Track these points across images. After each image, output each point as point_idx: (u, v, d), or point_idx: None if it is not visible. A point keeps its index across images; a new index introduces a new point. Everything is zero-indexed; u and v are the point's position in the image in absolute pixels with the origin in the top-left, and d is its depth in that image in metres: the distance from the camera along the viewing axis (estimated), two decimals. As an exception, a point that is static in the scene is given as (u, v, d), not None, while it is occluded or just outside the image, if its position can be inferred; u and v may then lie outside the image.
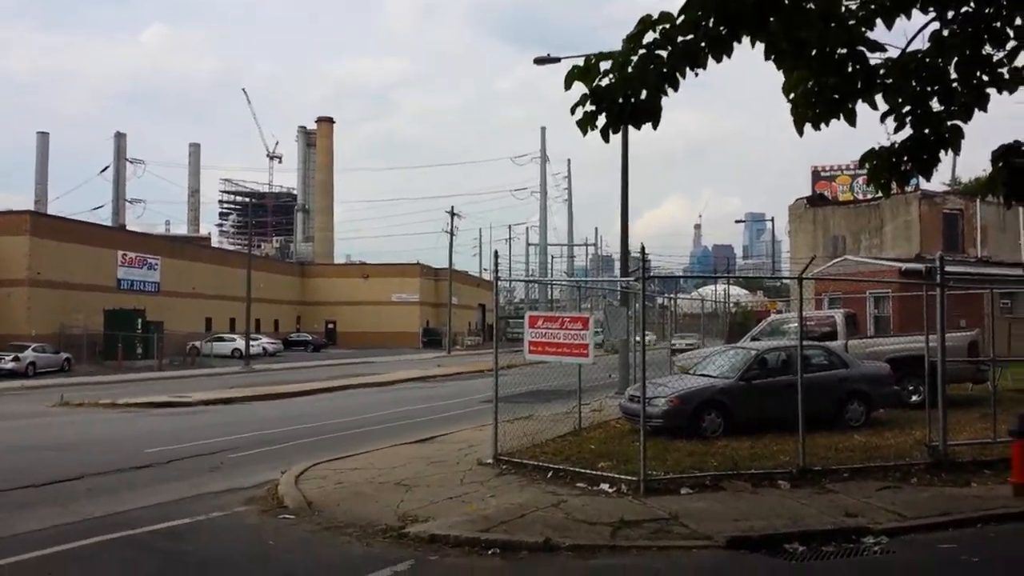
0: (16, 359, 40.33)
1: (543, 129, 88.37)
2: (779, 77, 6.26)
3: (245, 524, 9.68)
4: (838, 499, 9.99)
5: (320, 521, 9.52)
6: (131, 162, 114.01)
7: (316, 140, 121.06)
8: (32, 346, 42.07)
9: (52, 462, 14.38)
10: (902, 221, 41.24)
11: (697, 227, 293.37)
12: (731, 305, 47.35)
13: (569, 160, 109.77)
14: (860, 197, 46.52)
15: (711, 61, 5.76)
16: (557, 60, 23.49)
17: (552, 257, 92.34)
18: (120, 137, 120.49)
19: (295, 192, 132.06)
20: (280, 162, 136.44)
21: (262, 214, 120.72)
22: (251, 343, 51.34)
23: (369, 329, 80.00)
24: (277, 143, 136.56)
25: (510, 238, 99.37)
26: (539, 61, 23.97)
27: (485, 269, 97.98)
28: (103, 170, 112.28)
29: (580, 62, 6.03)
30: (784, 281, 54.30)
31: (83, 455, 15.20)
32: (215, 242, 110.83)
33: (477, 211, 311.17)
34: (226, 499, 11.02)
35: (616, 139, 23.77)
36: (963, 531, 8.87)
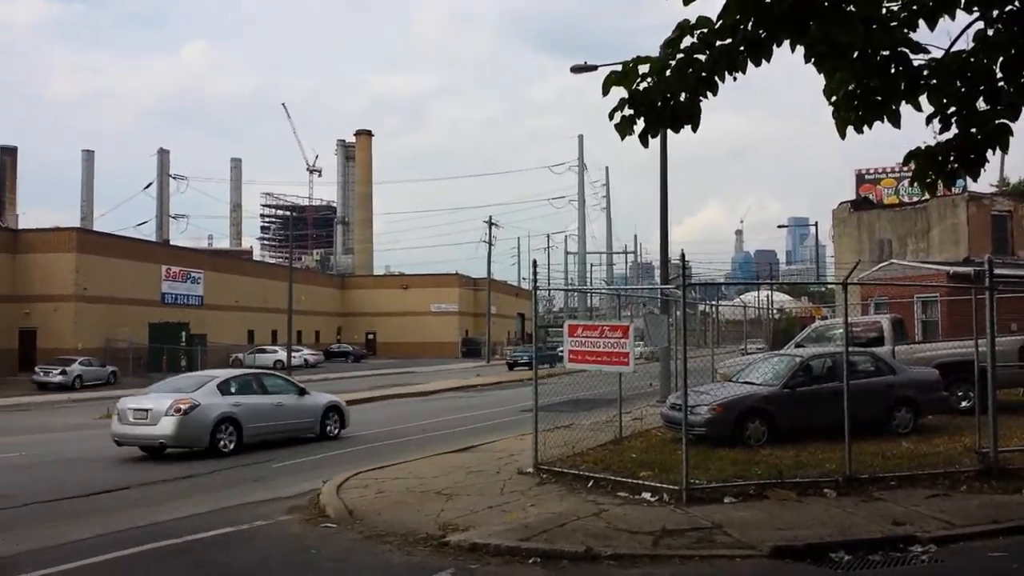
0: (63, 372, 41.25)
1: (580, 137, 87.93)
2: (821, 80, 6.20)
3: (288, 533, 9.75)
4: (885, 507, 9.79)
5: (362, 530, 9.56)
6: (174, 178, 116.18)
7: (355, 153, 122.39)
8: (79, 360, 42.96)
9: (98, 473, 14.65)
10: (949, 224, 40.46)
11: (738, 232, 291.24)
12: (774, 311, 46.82)
13: (607, 168, 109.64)
14: (906, 200, 45.74)
15: (750, 65, 5.72)
16: (594, 68, 23.45)
17: (591, 265, 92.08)
18: (163, 154, 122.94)
19: (335, 205, 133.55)
20: (320, 175, 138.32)
21: (303, 227, 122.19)
22: (293, 354, 51.90)
23: (409, 339, 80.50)
24: (317, 157, 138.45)
25: (548, 247, 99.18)
26: (576, 69, 23.96)
27: (524, 278, 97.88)
28: (147, 186, 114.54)
29: (618, 68, 6.02)
30: (829, 286, 53.48)
31: (127, 466, 15.46)
32: (257, 255, 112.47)
33: (515, 220, 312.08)
34: (269, 508, 11.11)
35: (655, 144, 23.71)
36: (1014, 539, 8.64)
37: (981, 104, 6.13)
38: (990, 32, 5.82)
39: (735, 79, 5.79)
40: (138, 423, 16.23)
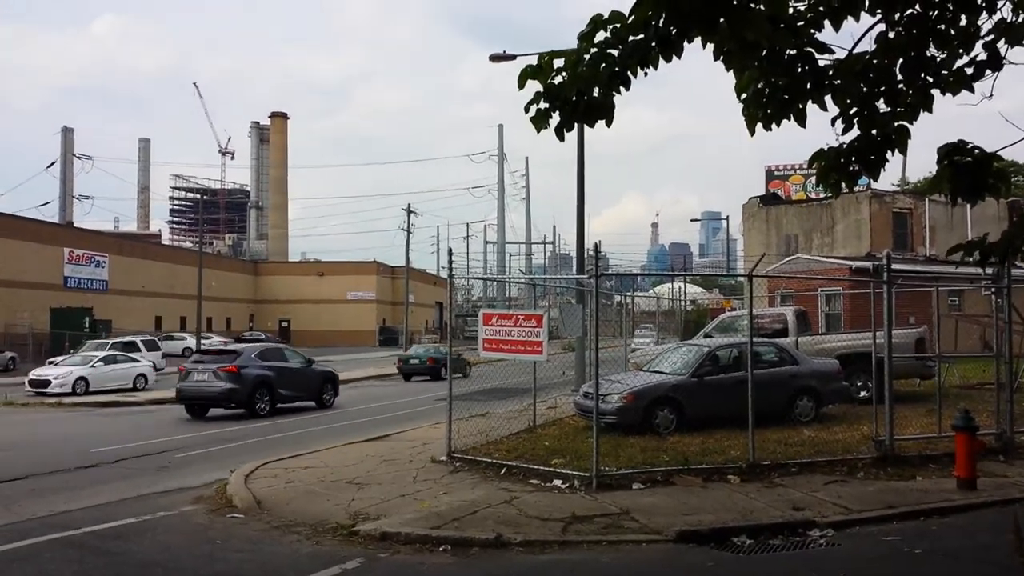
0: (-42, 358, 39.39)
1: (500, 127, 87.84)
2: (735, 77, 6.31)
3: (192, 523, 9.52)
4: (786, 493, 10.13)
5: (269, 520, 9.41)
6: (79, 158, 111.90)
7: (269, 136, 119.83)
8: (-26, 344, 41.04)
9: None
10: (853, 220, 41.97)
11: (654, 225, 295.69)
12: (687, 303, 47.81)
13: (527, 158, 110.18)
14: (812, 196, 47.22)
15: (661, 61, 5.78)
16: (513, 57, 23.42)
17: (510, 255, 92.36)
18: (67, 132, 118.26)
19: (248, 189, 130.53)
20: (233, 158, 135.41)
21: (214, 211, 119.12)
22: (202, 342, 50.57)
23: (324, 327, 79.34)
24: (230, 139, 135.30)
25: (468, 236, 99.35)
26: (495, 58, 23.89)
27: (443, 267, 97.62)
28: (49, 166, 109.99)
29: (535, 60, 6.03)
30: (739, 279, 54.94)
31: (27, 455, 14.86)
32: (166, 239, 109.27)
33: (435, 208, 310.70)
34: (173, 499, 10.84)
35: (573, 137, 23.85)
36: (907, 523, 9.06)
37: (882, 105, 6.34)
38: (891, 34, 6.01)
39: (647, 74, 5.85)
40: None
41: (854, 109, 6.33)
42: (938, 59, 5.84)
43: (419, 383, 33.24)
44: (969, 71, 5.65)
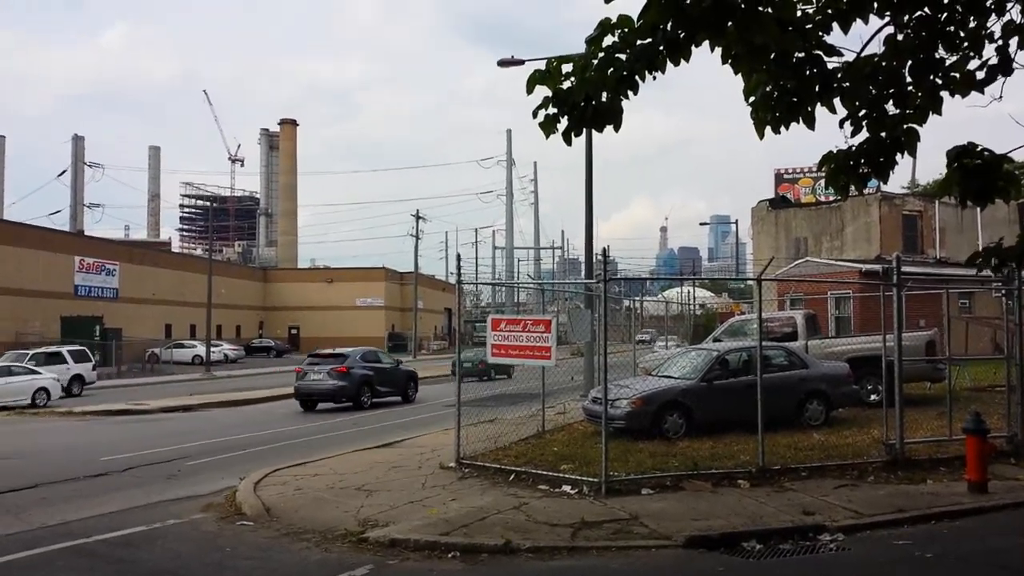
0: (-31, 366, 39.46)
1: (508, 132, 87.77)
2: (743, 80, 6.29)
3: (202, 531, 9.52)
4: (796, 497, 10.08)
5: (279, 527, 9.41)
6: (89, 166, 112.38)
7: (279, 143, 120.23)
8: (-15, 353, 41.18)
9: (6, 470, 14.09)
10: (862, 223, 41.85)
11: (663, 230, 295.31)
12: (696, 307, 47.73)
13: (535, 163, 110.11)
14: (822, 199, 47.10)
15: (669, 65, 5.77)
16: (521, 62, 23.45)
17: (519, 260, 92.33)
18: (78, 140, 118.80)
19: (258, 196, 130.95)
20: (242, 165, 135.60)
21: (224, 218, 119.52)
22: (212, 349, 50.73)
23: (333, 334, 79.21)
24: (240, 146, 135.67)
25: (476, 241, 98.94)
26: (503, 64, 23.92)
27: (451, 273, 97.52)
28: (60, 174, 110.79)
29: (544, 65, 6.02)
30: (748, 283, 54.87)
31: (38, 464, 14.90)
32: (176, 247, 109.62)
33: (444, 214, 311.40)
34: (183, 507, 10.84)
35: (581, 142, 23.81)
36: (918, 527, 9.00)
37: (891, 108, 6.31)
38: (900, 36, 5.99)
39: (655, 78, 5.85)
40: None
41: (863, 111, 6.31)
42: (947, 61, 5.82)
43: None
44: (980, 75, 5.62)
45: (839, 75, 6.17)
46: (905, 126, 6.29)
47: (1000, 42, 5.52)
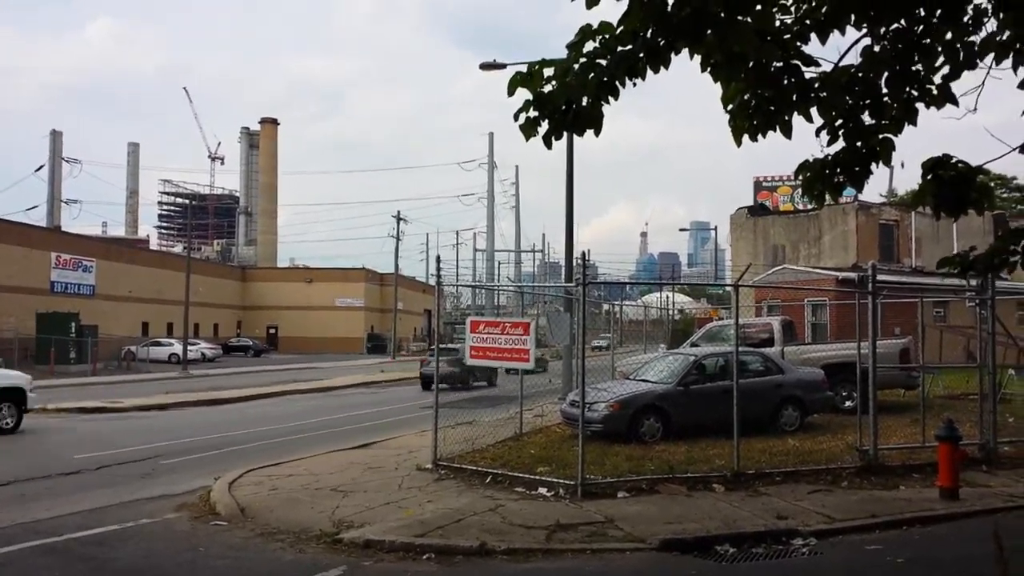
0: (-59, 362, 38.94)
1: (491, 135, 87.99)
2: (721, 89, 6.35)
3: (175, 531, 9.46)
4: (770, 502, 10.16)
5: (253, 528, 9.37)
6: (67, 161, 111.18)
7: (259, 142, 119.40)
8: (-42, 349, 40.63)
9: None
10: (840, 231, 42.19)
11: (643, 235, 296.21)
12: (675, 312, 47.94)
13: (517, 166, 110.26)
14: (800, 208, 47.44)
15: (649, 72, 5.81)
16: (503, 66, 23.46)
17: (499, 263, 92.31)
18: (56, 135, 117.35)
19: (238, 194, 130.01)
20: (223, 164, 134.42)
21: (203, 216, 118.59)
22: (189, 348, 50.31)
23: (312, 334, 79.08)
24: (219, 144, 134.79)
25: (457, 243, 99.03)
26: (485, 67, 23.95)
27: (432, 275, 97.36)
28: (37, 169, 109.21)
29: (523, 69, 6.05)
30: (726, 288, 55.09)
31: (10, 461, 14.71)
32: (154, 245, 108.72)
33: (425, 216, 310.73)
34: (157, 506, 10.77)
35: (562, 146, 23.88)
36: (890, 533, 9.10)
37: (867, 118, 6.39)
38: (877, 48, 6.06)
39: (635, 84, 5.89)
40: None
41: (839, 121, 6.38)
42: (922, 73, 5.90)
43: (401, 390, 33.29)
44: (945, 71, 5.71)
45: (816, 85, 6.24)
46: (880, 136, 6.37)
47: (971, 39, 5.61)
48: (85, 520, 9.90)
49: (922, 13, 5.70)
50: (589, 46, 5.85)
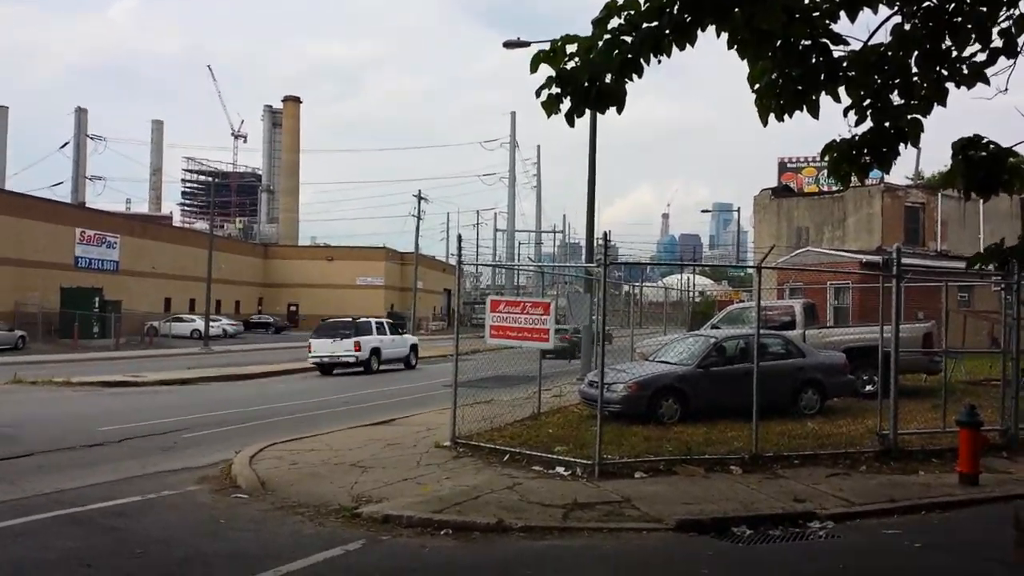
0: (-32, 335, 39.56)
1: (513, 114, 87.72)
2: (748, 67, 6.27)
3: (196, 503, 9.59)
4: (788, 485, 10.13)
5: (273, 501, 9.46)
6: (92, 138, 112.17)
7: (282, 120, 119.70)
8: (-16, 322, 41.25)
9: (2, 439, 14.13)
10: (864, 214, 41.77)
11: (665, 216, 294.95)
12: (695, 294, 47.75)
13: (539, 146, 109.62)
14: (826, 189, 46.99)
15: (675, 49, 5.75)
16: (527, 44, 23.31)
17: (520, 243, 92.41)
18: (81, 112, 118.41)
19: (260, 172, 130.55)
20: (245, 141, 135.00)
21: (225, 194, 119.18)
22: (211, 324, 50.80)
23: (332, 312, 79.04)
24: (243, 122, 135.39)
25: (478, 223, 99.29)
26: (508, 45, 23.82)
27: (452, 254, 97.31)
28: (63, 146, 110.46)
29: (546, 47, 6.00)
30: (748, 270, 54.86)
31: (35, 433, 14.94)
32: (177, 221, 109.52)
33: (446, 195, 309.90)
34: (179, 478, 10.90)
35: (585, 124, 23.74)
36: (908, 517, 9.05)
37: (896, 98, 6.29)
38: (907, 27, 5.96)
39: (660, 62, 5.83)
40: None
41: (868, 101, 6.28)
42: (954, 53, 5.79)
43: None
44: (982, 58, 5.60)
45: (845, 64, 6.15)
46: (909, 116, 6.27)
47: (1007, 24, 5.49)
48: (108, 491, 10.04)
49: (954, -9, 5.59)
50: (614, 22, 5.79)
